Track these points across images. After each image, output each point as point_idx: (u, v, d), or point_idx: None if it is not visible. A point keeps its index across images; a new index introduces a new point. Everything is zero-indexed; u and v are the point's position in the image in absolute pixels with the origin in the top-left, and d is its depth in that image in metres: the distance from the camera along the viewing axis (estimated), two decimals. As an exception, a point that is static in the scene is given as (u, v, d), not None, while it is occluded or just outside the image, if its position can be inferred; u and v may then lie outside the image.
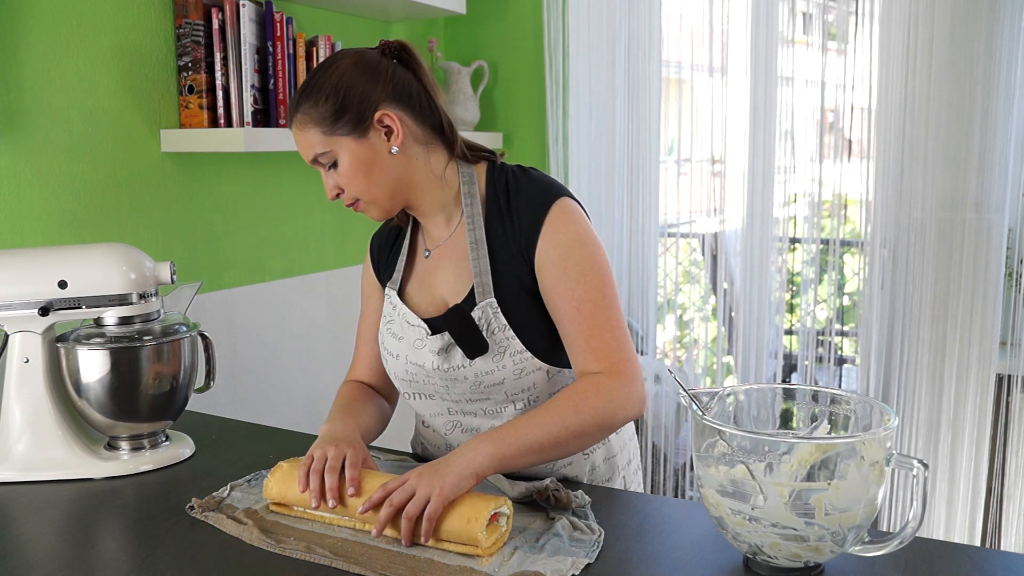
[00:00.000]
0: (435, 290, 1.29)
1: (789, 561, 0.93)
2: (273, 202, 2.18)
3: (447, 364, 1.22)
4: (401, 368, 1.29)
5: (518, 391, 1.22)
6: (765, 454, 0.93)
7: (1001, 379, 2.26)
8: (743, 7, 2.38)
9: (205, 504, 1.15)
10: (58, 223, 1.70)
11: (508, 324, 1.20)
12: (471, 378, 1.22)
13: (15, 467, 1.30)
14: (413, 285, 1.32)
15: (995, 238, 2.18)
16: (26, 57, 1.63)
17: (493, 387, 1.22)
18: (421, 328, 1.26)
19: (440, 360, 1.23)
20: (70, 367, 1.31)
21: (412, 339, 1.26)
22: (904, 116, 2.22)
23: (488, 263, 1.22)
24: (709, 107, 2.48)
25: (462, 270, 1.26)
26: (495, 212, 1.24)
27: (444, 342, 1.23)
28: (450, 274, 1.27)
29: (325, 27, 2.28)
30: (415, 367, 1.26)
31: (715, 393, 1.04)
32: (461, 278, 1.26)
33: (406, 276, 1.33)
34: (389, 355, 1.31)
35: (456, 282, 1.26)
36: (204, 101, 1.88)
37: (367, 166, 1.22)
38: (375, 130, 1.21)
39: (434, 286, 1.29)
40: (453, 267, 1.27)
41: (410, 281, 1.33)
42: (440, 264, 1.29)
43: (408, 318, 1.28)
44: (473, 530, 0.99)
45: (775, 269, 2.47)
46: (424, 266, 1.32)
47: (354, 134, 1.21)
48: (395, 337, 1.29)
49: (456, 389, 1.25)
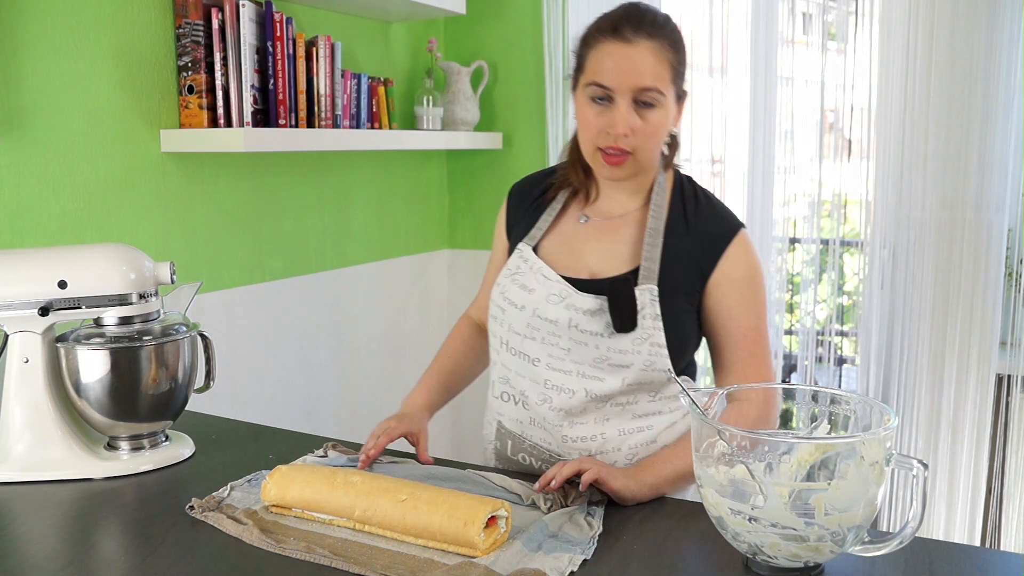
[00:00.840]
0: (581, 256, 1.30)
1: (789, 561, 0.93)
2: (273, 202, 2.18)
3: (586, 326, 1.22)
4: (522, 321, 1.28)
5: (634, 382, 1.23)
6: (765, 454, 0.93)
7: (1001, 379, 2.26)
8: (743, 7, 2.38)
9: (205, 504, 1.15)
10: (58, 223, 1.70)
11: (660, 315, 1.21)
12: (602, 349, 1.22)
13: (15, 467, 1.30)
14: (553, 243, 1.33)
15: (995, 238, 2.18)
16: (26, 57, 1.63)
17: (617, 367, 1.22)
18: (561, 284, 1.26)
19: (582, 319, 1.22)
20: (70, 367, 1.31)
21: (547, 293, 1.26)
22: (904, 116, 2.22)
23: (659, 254, 1.24)
24: (709, 107, 2.48)
25: (621, 247, 1.28)
26: (678, 214, 1.28)
27: (592, 304, 1.22)
28: (607, 247, 1.29)
29: (325, 27, 2.28)
30: (543, 321, 1.25)
31: (715, 393, 1.04)
32: (619, 256, 1.27)
33: (547, 234, 1.34)
34: (511, 305, 1.30)
35: (613, 258, 1.27)
36: (204, 101, 1.88)
37: (665, 129, 1.24)
38: (680, 104, 1.25)
39: (581, 252, 1.30)
40: (613, 242, 1.29)
41: (549, 238, 1.33)
42: (598, 234, 1.31)
43: (545, 272, 1.28)
44: (470, 533, 0.99)
45: (775, 269, 2.47)
46: (575, 229, 1.32)
47: (678, 95, 1.24)
48: (524, 289, 1.29)
49: (579, 354, 1.23)
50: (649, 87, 1.18)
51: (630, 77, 1.17)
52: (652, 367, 1.22)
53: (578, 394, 1.24)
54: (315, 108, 2.11)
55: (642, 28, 1.18)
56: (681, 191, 1.30)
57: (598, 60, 1.20)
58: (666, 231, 1.26)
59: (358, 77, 2.24)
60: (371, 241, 2.51)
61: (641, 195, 1.31)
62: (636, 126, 1.19)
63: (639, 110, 1.19)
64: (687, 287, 1.24)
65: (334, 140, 2.12)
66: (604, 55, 1.19)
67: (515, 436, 1.32)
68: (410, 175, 2.64)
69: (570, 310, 1.23)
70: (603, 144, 1.22)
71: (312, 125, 2.11)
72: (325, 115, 2.13)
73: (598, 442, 1.26)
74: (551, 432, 1.28)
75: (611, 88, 1.19)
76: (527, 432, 1.31)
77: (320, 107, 2.12)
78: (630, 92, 1.18)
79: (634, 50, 1.17)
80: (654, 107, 1.19)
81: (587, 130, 1.24)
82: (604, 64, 1.19)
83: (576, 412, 1.25)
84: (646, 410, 1.26)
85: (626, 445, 1.26)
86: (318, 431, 1.36)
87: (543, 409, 1.27)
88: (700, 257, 1.24)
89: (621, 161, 1.22)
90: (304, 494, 1.11)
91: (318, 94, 2.11)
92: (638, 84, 1.18)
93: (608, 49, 1.19)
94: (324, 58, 2.10)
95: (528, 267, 1.30)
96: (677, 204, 1.29)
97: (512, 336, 1.30)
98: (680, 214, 1.27)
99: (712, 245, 1.24)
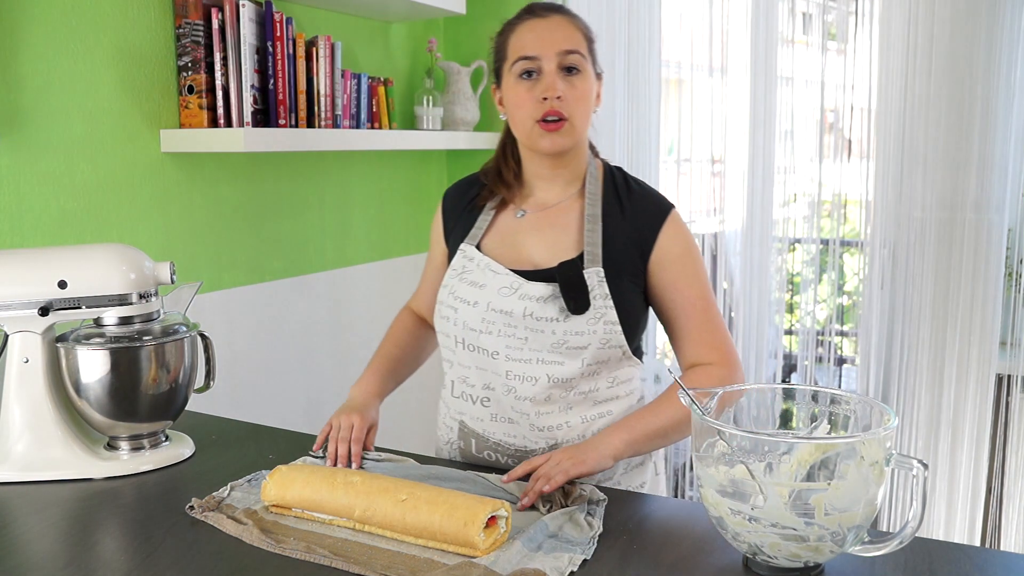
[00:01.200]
0: (523, 249, 1.34)
1: (789, 561, 0.93)
2: (273, 202, 2.18)
3: (541, 313, 1.27)
4: (476, 316, 1.31)
5: (593, 362, 1.28)
6: (765, 454, 0.93)
7: (1001, 379, 2.26)
8: (743, 7, 2.38)
9: (205, 504, 1.15)
10: (58, 223, 1.70)
11: (609, 295, 1.27)
12: (559, 334, 1.26)
13: (15, 467, 1.30)
14: (494, 240, 1.37)
15: (995, 238, 2.18)
16: (26, 57, 1.63)
17: (575, 349, 1.27)
18: (510, 276, 1.30)
19: (536, 307, 1.27)
20: (70, 367, 1.31)
21: (498, 286, 1.30)
22: (904, 116, 2.22)
23: (600, 238, 1.30)
24: (709, 107, 2.48)
25: (562, 237, 1.33)
26: (612, 199, 1.34)
27: (543, 292, 1.27)
28: (547, 237, 1.34)
29: (325, 27, 2.27)
30: (498, 314, 1.29)
31: (715, 393, 1.04)
32: (560, 244, 1.32)
33: (486, 233, 1.38)
34: (463, 303, 1.33)
35: (554, 247, 1.32)
36: (204, 101, 1.88)
37: (592, 100, 1.32)
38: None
39: (523, 246, 1.35)
40: (553, 233, 1.34)
41: (490, 237, 1.38)
42: (537, 226, 1.35)
43: (493, 267, 1.33)
44: (470, 533, 0.99)
45: (775, 269, 2.47)
46: (514, 224, 1.37)
47: (594, 68, 1.32)
48: (475, 286, 1.33)
49: (536, 341, 1.27)
50: (572, 49, 1.27)
51: (553, 43, 1.27)
52: (608, 344, 1.27)
53: (540, 380, 1.28)
54: (315, 108, 2.11)
55: (552, 8, 1.31)
56: (612, 179, 1.37)
57: (519, 38, 1.30)
58: (603, 217, 1.32)
59: (358, 77, 2.24)
60: (371, 241, 2.51)
61: (575, 184, 1.37)
62: (566, 90, 1.27)
63: (566, 77, 1.28)
64: (631, 268, 1.30)
65: (334, 140, 2.12)
66: (525, 31, 1.29)
67: (478, 435, 1.36)
68: (410, 175, 2.64)
69: (524, 300, 1.28)
70: (539, 115, 1.28)
71: (312, 125, 2.11)
72: (325, 115, 2.13)
73: (563, 430, 1.31)
74: (518, 424, 1.31)
75: (537, 55, 1.27)
76: (490, 430, 1.35)
77: (320, 107, 2.12)
78: (555, 57, 1.27)
79: (550, 21, 1.29)
80: (579, 72, 1.28)
81: (521, 108, 1.30)
82: (526, 38, 1.29)
83: (541, 400, 1.29)
84: (606, 396, 1.32)
85: (589, 431, 1.31)
86: (318, 431, 1.36)
87: (509, 400, 1.31)
88: (638, 239, 1.31)
89: (560, 127, 1.28)
90: (304, 494, 1.11)
91: (318, 94, 2.11)
92: (561, 47, 1.27)
93: (528, 26, 1.30)
94: (324, 58, 2.10)
95: (474, 265, 1.34)
96: (610, 191, 1.35)
97: (467, 333, 1.33)
98: (614, 200, 1.34)
99: (648, 225, 1.31)
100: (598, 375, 1.30)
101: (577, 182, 1.37)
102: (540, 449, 1.31)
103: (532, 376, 1.29)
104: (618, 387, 1.33)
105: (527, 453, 1.32)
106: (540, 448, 1.31)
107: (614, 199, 1.34)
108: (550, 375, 1.28)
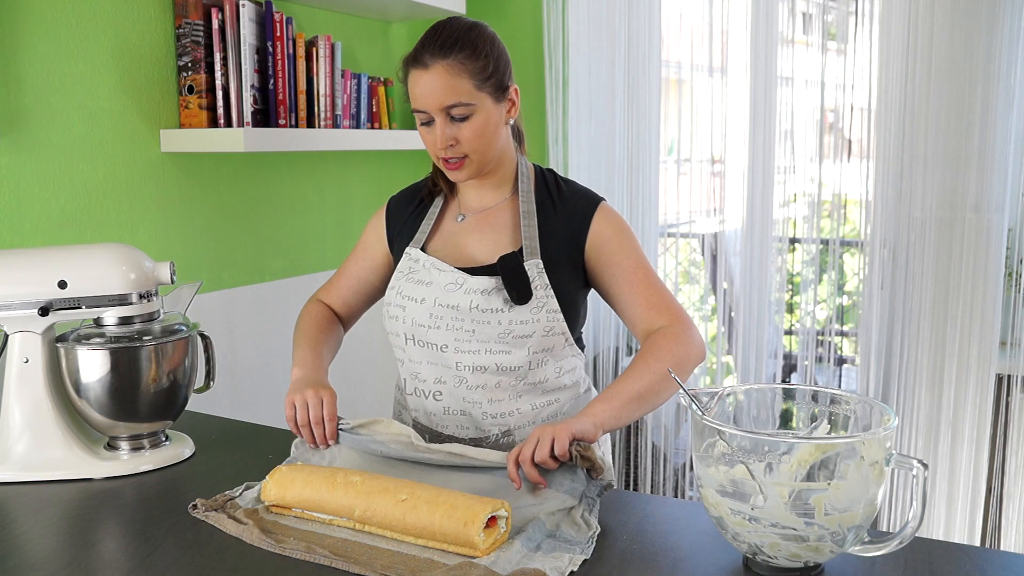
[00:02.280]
0: (464, 250, 1.40)
1: (789, 561, 0.93)
2: (273, 202, 2.18)
3: (486, 305, 1.32)
4: (424, 312, 1.35)
5: (539, 349, 1.33)
6: (765, 454, 0.93)
7: (1001, 379, 2.26)
8: (743, 7, 2.38)
9: (211, 503, 1.15)
10: (58, 223, 1.70)
11: (549, 284, 1.33)
12: (504, 324, 1.32)
13: (15, 467, 1.30)
14: (438, 243, 1.43)
15: (995, 238, 2.18)
16: (26, 57, 1.63)
17: (521, 338, 1.32)
18: (455, 273, 1.36)
19: (480, 300, 1.32)
20: (70, 367, 1.31)
21: (444, 283, 1.35)
22: (904, 116, 2.22)
23: (537, 232, 1.36)
24: (709, 107, 2.48)
25: (501, 235, 1.39)
26: (545, 197, 1.40)
27: (487, 285, 1.33)
28: (487, 238, 1.40)
29: (325, 27, 2.28)
30: (445, 309, 1.34)
31: (715, 393, 1.04)
32: (499, 243, 1.38)
33: (430, 237, 1.44)
34: (410, 301, 1.37)
35: (494, 245, 1.38)
36: (204, 101, 1.88)
37: (493, 129, 1.34)
38: (506, 101, 1.35)
39: (464, 246, 1.41)
40: (492, 232, 1.40)
41: (433, 240, 1.43)
42: (477, 228, 1.41)
43: (438, 265, 1.38)
44: (470, 533, 0.99)
45: (775, 269, 2.47)
46: (454, 228, 1.43)
47: (494, 96, 1.33)
48: (421, 284, 1.38)
49: (483, 333, 1.32)
50: (451, 104, 1.29)
51: (433, 99, 1.29)
52: (552, 332, 1.34)
53: (489, 368, 1.34)
54: (315, 108, 2.11)
55: (436, 50, 1.29)
56: (543, 179, 1.43)
57: (411, 89, 1.33)
58: (537, 214, 1.38)
59: (358, 77, 2.24)
60: (371, 241, 2.51)
61: (507, 186, 1.43)
62: (457, 136, 1.31)
63: (454, 123, 1.31)
64: (567, 261, 1.36)
65: (334, 140, 2.12)
66: (413, 84, 1.32)
67: (431, 430, 1.41)
68: (410, 175, 2.63)
69: (469, 294, 1.33)
70: (441, 155, 1.34)
71: (312, 125, 2.11)
72: (325, 115, 2.13)
73: (515, 417, 1.37)
74: (470, 414, 1.37)
75: (425, 111, 1.32)
76: (442, 423, 1.40)
77: (320, 107, 2.12)
78: (440, 111, 1.30)
79: (431, 75, 1.29)
80: (467, 118, 1.31)
81: (427, 147, 1.37)
82: (415, 92, 1.32)
83: (491, 388, 1.35)
84: (554, 385, 1.39)
85: (539, 418, 1.38)
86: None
87: (461, 390, 1.36)
88: (572, 232, 1.37)
89: (459, 166, 1.34)
90: (304, 494, 1.11)
91: (318, 94, 2.11)
92: (442, 104, 1.29)
93: (414, 78, 1.32)
94: (324, 58, 2.10)
95: (420, 265, 1.40)
96: (542, 189, 1.41)
97: (416, 329, 1.37)
98: (547, 197, 1.40)
99: (580, 217, 1.38)
100: (545, 364, 1.36)
101: (507, 184, 1.42)
102: (493, 436, 1.37)
103: (481, 365, 1.34)
104: (564, 376, 1.39)
105: (480, 443, 1.37)
106: (493, 435, 1.37)
107: (546, 198, 1.40)
108: (499, 364, 1.33)
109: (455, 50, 1.29)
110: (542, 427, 1.17)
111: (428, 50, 1.29)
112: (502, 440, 1.38)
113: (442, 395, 1.38)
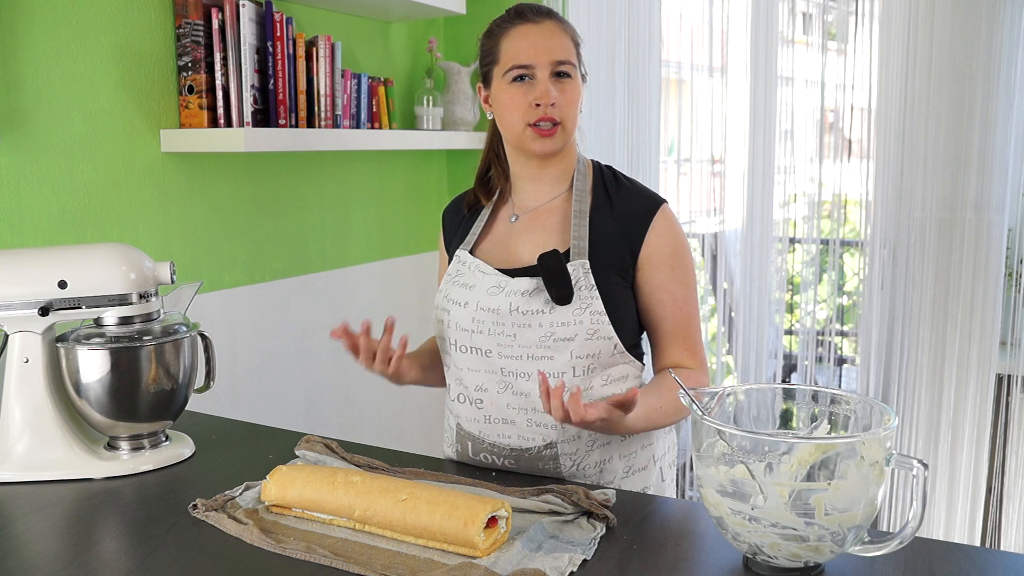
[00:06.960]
0: (515, 251, 1.37)
1: (789, 561, 0.93)
2: (273, 202, 2.18)
3: (527, 307, 1.28)
4: (467, 316, 1.33)
5: (583, 355, 1.27)
6: (765, 454, 0.93)
7: (1001, 379, 2.26)
8: (743, 7, 2.38)
9: (211, 503, 1.15)
10: (58, 223, 1.70)
11: (595, 286, 1.27)
12: (545, 326, 1.27)
13: (15, 467, 1.30)
14: (489, 245, 1.40)
15: (995, 238, 2.18)
16: (26, 57, 1.63)
17: (563, 342, 1.27)
18: (498, 276, 1.33)
19: (521, 302, 1.28)
20: (70, 367, 1.31)
21: (487, 286, 1.33)
22: (904, 116, 2.22)
23: (587, 233, 1.31)
24: (709, 107, 2.48)
25: (552, 235, 1.35)
26: (601, 196, 1.36)
27: (528, 286, 1.29)
28: (538, 237, 1.36)
29: (325, 27, 2.27)
30: (486, 313, 1.31)
31: (715, 393, 1.04)
32: (550, 243, 1.34)
33: (481, 239, 1.41)
34: (454, 304, 1.35)
35: (544, 246, 1.33)
36: (204, 101, 1.88)
37: (581, 100, 1.33)
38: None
39: (515, 247, 1.37)
40: (543, 232, 1.36)
41: (485, 242, 1.41)
42: (529, 227, 1.38)
43: (482, 268, 1.35)
44: (470, 533, 0.99)
45: (775, 269, 2.47)
46: (507, 229, 1.40)
47: (581, 71, 1.33)
48: (464, 287, 1.35)
49: (524, 337, 1.28)
50: (564, 59, 1.29)
51: (547, 52, 1.28)
52: (596, 335, 1.27)
53: (533, 375, 1.29)
54: (315, 108, 2.11)
55: (543, 12, 1.31)
56: (602, 176, 1.39)
57: (512, 44, 1.30)
58: (592, 213, 1.34)
59: (358, 77, 2.24)
60: (371, 241, 2.51)
61: (563, 183, 1.38)
62: (559, 96, 1.29)
63: (557, 82, 1.29)
64: (619, 264, 1.31)
65: (334, 140, 2.12)
66: (518, 38, 1.30)
67: (474, 437, 1.36)
68: (410, 175, 2.64)
69: (509, 296, 1.30)
70: (532, 119, 1.29)
71: (312, 125, 2.11)
72: (325, 115, 2.13)
73: (558, 430, 1.30)
74: (513, 423, 1.31)
75: (532, 64, 1.28)
76: (484, 431, 1.34)
77: (320, 107, 2.12)
78: (549, 65, 1.28)
79: (542, 28, 1.29)
80: (570, 77, 1.30)
81: (514, 111, 1.31)
82: (519, 45, 1.29)
83: (534, 396, 1.29)
84: (601, 394, 1.30)
85: (585, 431, 1.30)
86: (318, 431, 1.37)
87: (504, 397, 1.32)
88: (627, 234, 1.32)
89: (552, 132, 1.30)
90: (304, 494, 1.11)
91: (318, 94, 2.11)
92: (555, 57, 1.28)
93: (520, 32, 1.30)
94: (324, 58, 2.10)
95: (466, 268, 1.37)
96: (599, 187, 1.37)
97: (460, 334, 1.34)
98: (603, 196, 1.36)
99: (637, 221, 1.32)
100: (592, 372, 1.29)
101: (565, 181, 1.38)
102: (535, 447, 1.31)
103: (524, 372, 1.29)
104: (612, 385, 1.31)
105: (522, 453, 1.32)
106: (535, 446, 1.31)
107: (603, 196, 1.36)
108: (541, 370, 1.28)
109: (560, 18, 1.32)
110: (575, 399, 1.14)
111: (532, 10, 1.30)
112: (544, 452, 1.30)
113: (483, 403, 1.33)
